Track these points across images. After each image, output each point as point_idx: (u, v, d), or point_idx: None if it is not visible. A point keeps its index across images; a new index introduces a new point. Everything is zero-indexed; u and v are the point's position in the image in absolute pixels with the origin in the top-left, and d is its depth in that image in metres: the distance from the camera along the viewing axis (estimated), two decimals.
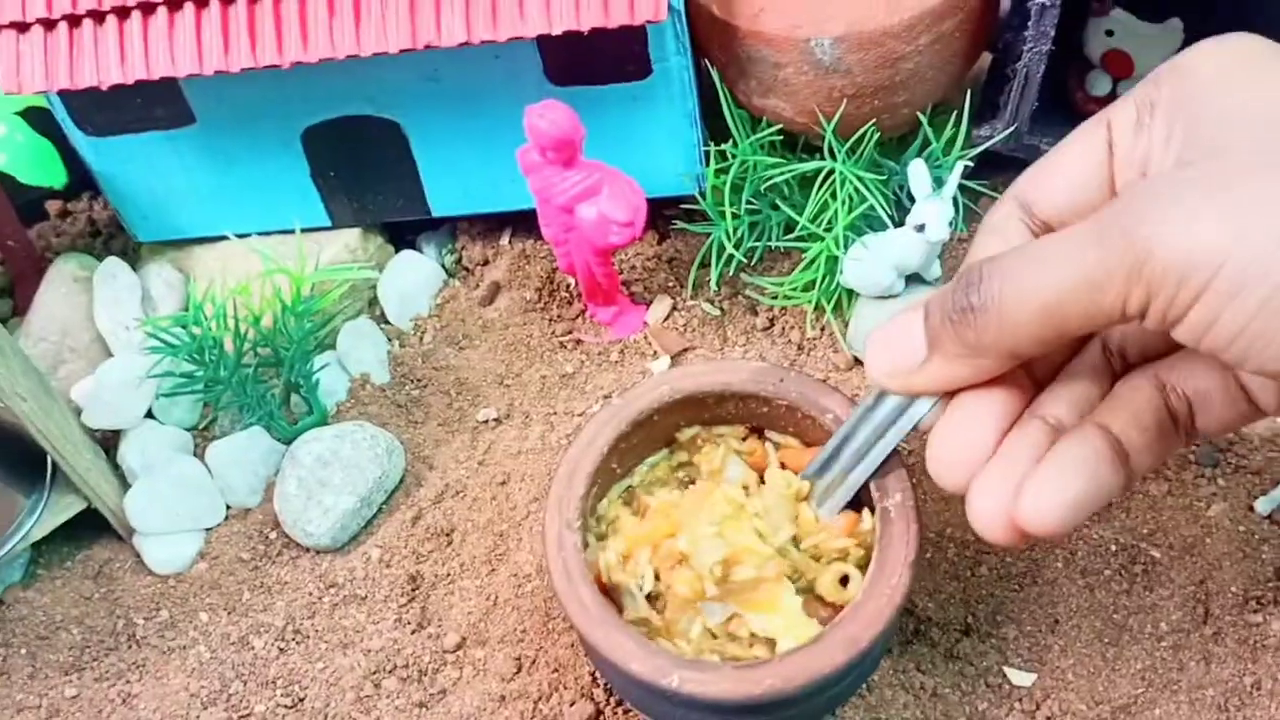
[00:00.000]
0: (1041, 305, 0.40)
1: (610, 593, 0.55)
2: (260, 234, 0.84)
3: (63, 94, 0.76)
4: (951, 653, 0.63)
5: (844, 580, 0.55)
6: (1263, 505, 0.66)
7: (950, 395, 0.47)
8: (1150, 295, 0.38)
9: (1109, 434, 0.44)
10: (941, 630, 0.64)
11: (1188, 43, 0.76)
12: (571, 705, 0.63)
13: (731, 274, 0.80)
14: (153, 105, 0.77)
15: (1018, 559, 0.66)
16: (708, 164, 0.78)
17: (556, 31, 0.67)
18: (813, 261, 0.75)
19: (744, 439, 0.62)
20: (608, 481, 0.60)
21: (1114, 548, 0.66)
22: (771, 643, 0.53)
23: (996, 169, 0.82)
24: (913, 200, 0.72)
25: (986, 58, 0.81)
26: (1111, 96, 0.79)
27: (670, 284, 0.82)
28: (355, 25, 0.68)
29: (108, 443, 0.78)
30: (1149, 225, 0.37)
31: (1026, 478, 0.43)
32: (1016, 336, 0.42)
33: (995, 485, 0.45)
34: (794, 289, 0.77)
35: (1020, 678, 0.62)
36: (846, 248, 0.73)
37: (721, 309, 0.81)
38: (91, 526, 0.75)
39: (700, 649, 0.54)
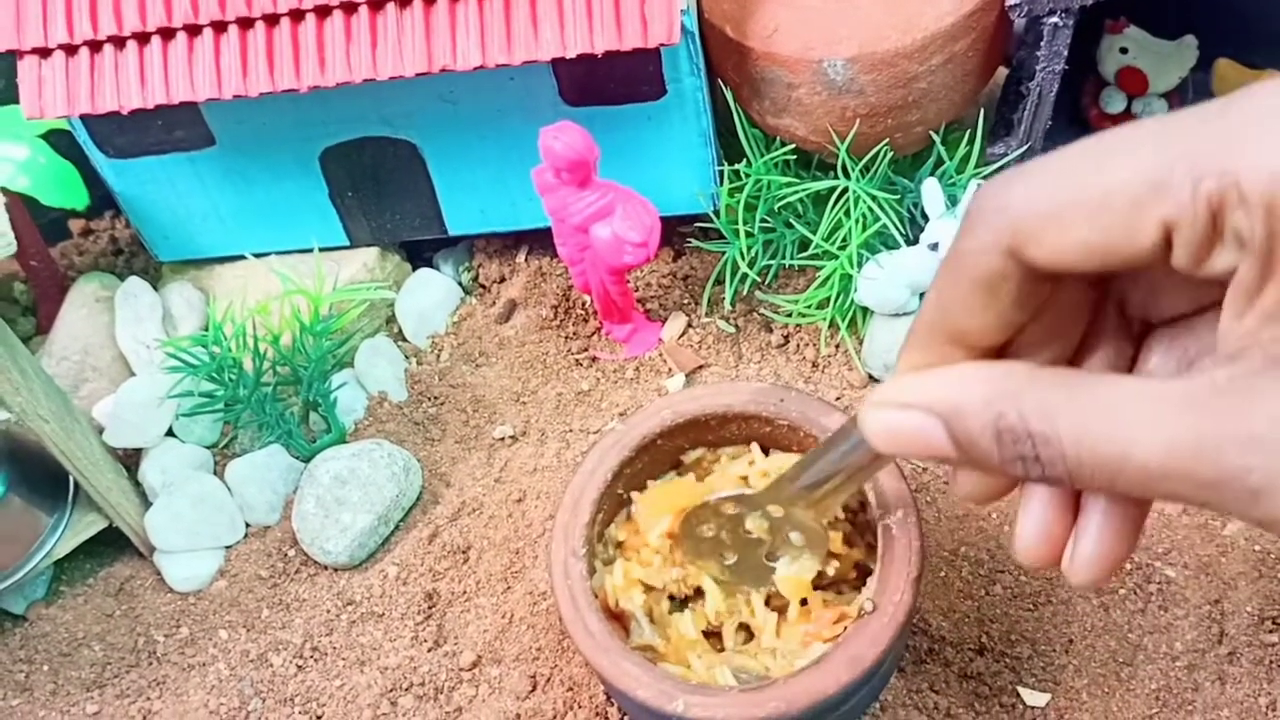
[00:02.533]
0: (1122, 453, 0.32)
1: (618, 618, 0.56)
2: (279, 253, 0.85)
3: (84, 117, 0.77)
4: (965, 672, 0.63)
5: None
6: None
7: None
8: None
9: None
10: (955, 650, 0.64)
11: (1203, 58, 0.77)
12: None
13: (746, 292, 0.81)
14: (173, 128, 0.78)
15: (1032, 578, 0.66)
16: (722, 183, 0.78)
17: (571, 55, 0.68)
18: (827, 279, 0.76)
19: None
20: (615, 507, 0.60)
21: (1129, 566, 0.66)
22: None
23: None
24: (926, 219, 0.72)
25: (1001, 74, 0.81)
26: (1126, 113, 0.79)
27: (685, 301, 0.83)
28: (372, 49, 0.69)
29: (129, 461, 0.79)
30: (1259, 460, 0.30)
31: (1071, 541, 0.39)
32: (1086, 486, 0.35)
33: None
34: (808, 307, 0.77)
35: (1034, 698, 0.62)
36: (860, 266, 0.73)
37: (736, 326, 0.81)
38: (113, 544, 0.76)
39: (710, 664, 0.55)
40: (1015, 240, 0.34)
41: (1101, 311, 0.40)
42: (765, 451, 0.62)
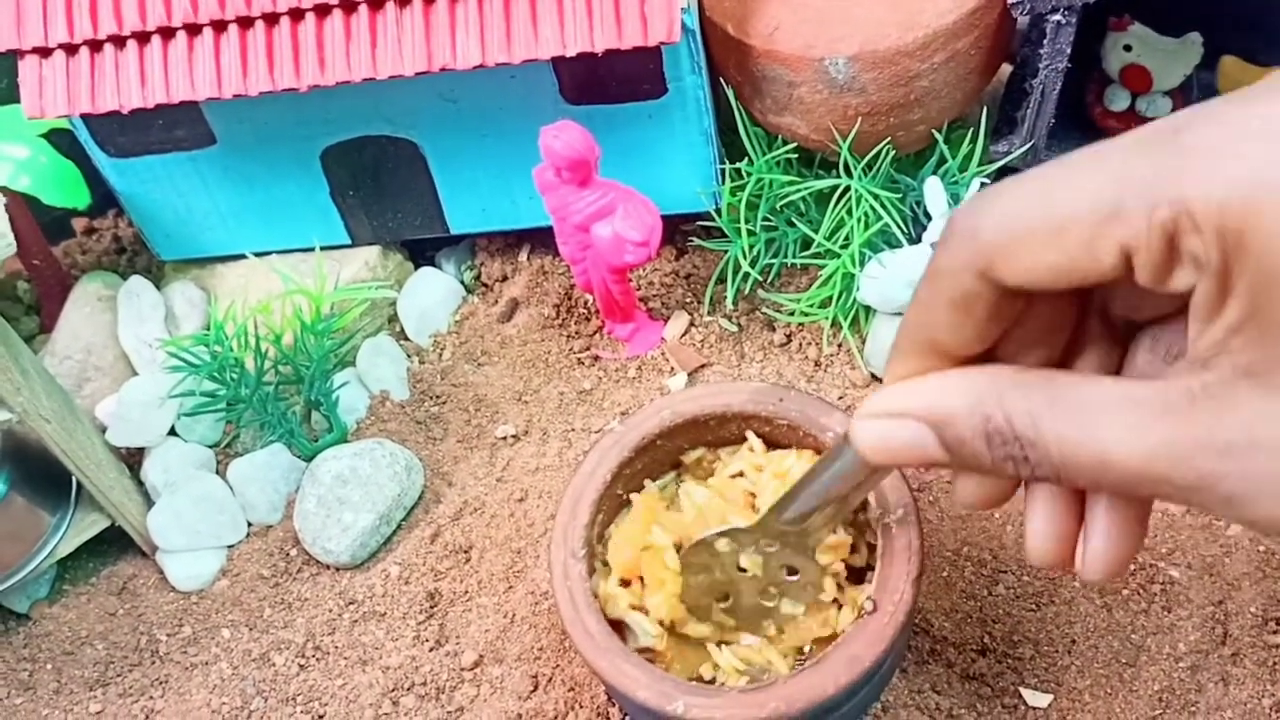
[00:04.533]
0: (1101, 457, 0.34)
1: (617, 623, 0.56)
2: (281, 252, 0.85)
3: (85, 117, 0.77)
4: (967, 673, 0.63)
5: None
6: None
7: None
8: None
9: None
10: (957, 650, 0.64)
11: (1208, 56, 0.77)
12: None
13: (748, 291, 0.80)
14: (174, 127, 0.78)
15: (1035, 578, 0.66)
16: (724, 181, 0.78)
17: (571, 53, 0.67)
18: (829, 278, 0.75)
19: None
20: (614, 508, 0.60)
21: (1132, 567, 0.65)
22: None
23: None
24: (929, 217, 0.72)
25: (1004, 72, 0.80)
26: (1130, 111, 0.79)
27: (688, 300, 0.82)
28: (371, 48, 0.69)
29: (131, 460, 0.79)
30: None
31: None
32: (1079, 485, 0.37)
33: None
34: (811, 306, 0.77)
35: (1037, 698, 0.62)
36: (863, 265, 0.73)
37: (739, 325, 0.81)
38: (115, 543, 0.77)
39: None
40: (985, 263, 0.35)
41: (1086, 315, 0.40)
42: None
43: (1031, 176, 0.34)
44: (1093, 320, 0.41)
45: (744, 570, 0.54)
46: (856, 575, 0.57)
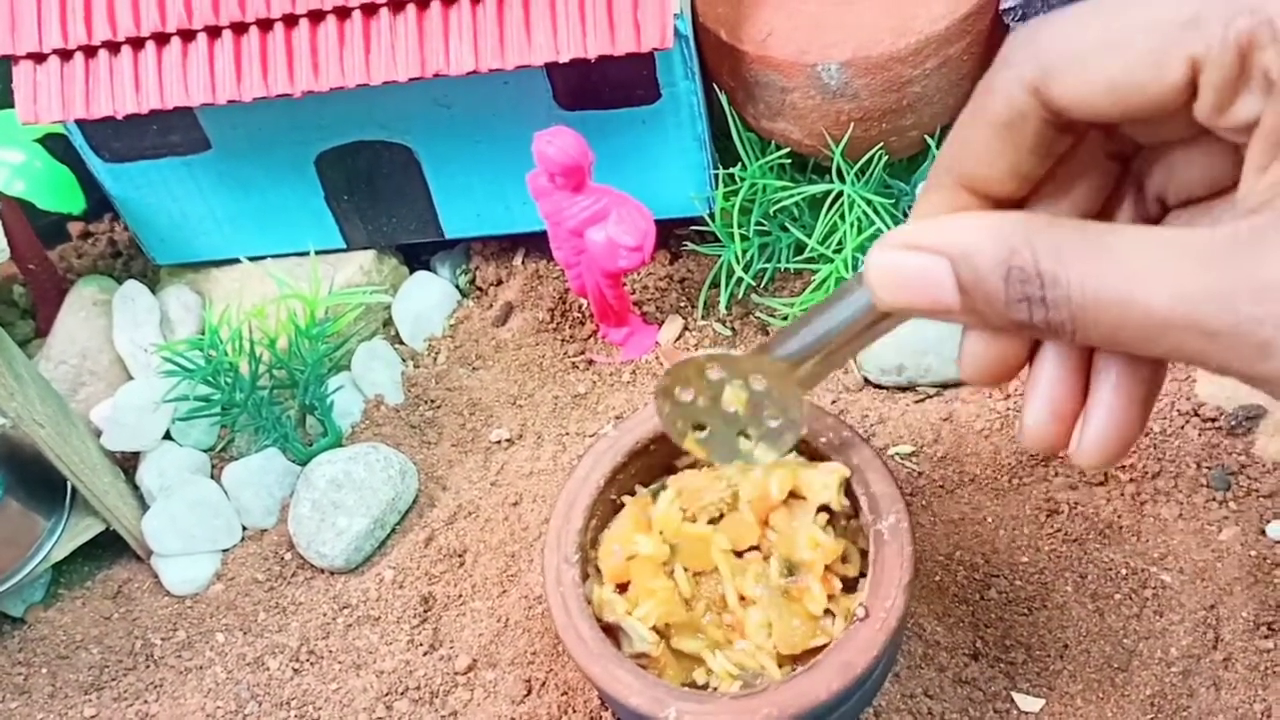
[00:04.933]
0: (1131, 300, 0.32)
1: (610, 628, 0.56)
2: (276, 257, 0.85)
3: (80, 122, 0.77)
4: (959, 677, 0.63)
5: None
6: (1274, 530, 0.65)
7: None
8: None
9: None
10: (949, 654, 0.64)
11: None
12: None
13: (742, 295, 0.81)
14: (169, 132, 0.78)
15: (1027, 582, 0.66)
16: (717, 186, 0.78)
17: (564, 59, 0.67)
18: (823, 283, 0.76)
19: None
20: (607, 513, 0.60)
21: (1124, 572, 0.66)
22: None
23: None
24: None
25: None
26: None
27: (682, 304, 0.83)
28: (365, 54, 0.69)
29: (127, 464, 0.79)
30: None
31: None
32: (1090, 338, 0.34)
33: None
34: (804, 310, 0.77)
35: (1029, 703, 0.62)
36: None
37: (733, 329, 0.81)
38: (110, 548, 0.77)
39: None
40: (1040, 77, 0.33)
41: (1121, 189, 0.39)
42: None
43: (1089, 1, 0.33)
44: (1127, 195, 0.39)
45: (726, 407, 0.51)
46: (849, 585, 0.57)
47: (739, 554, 0.56)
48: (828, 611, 0.55)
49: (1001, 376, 0.39)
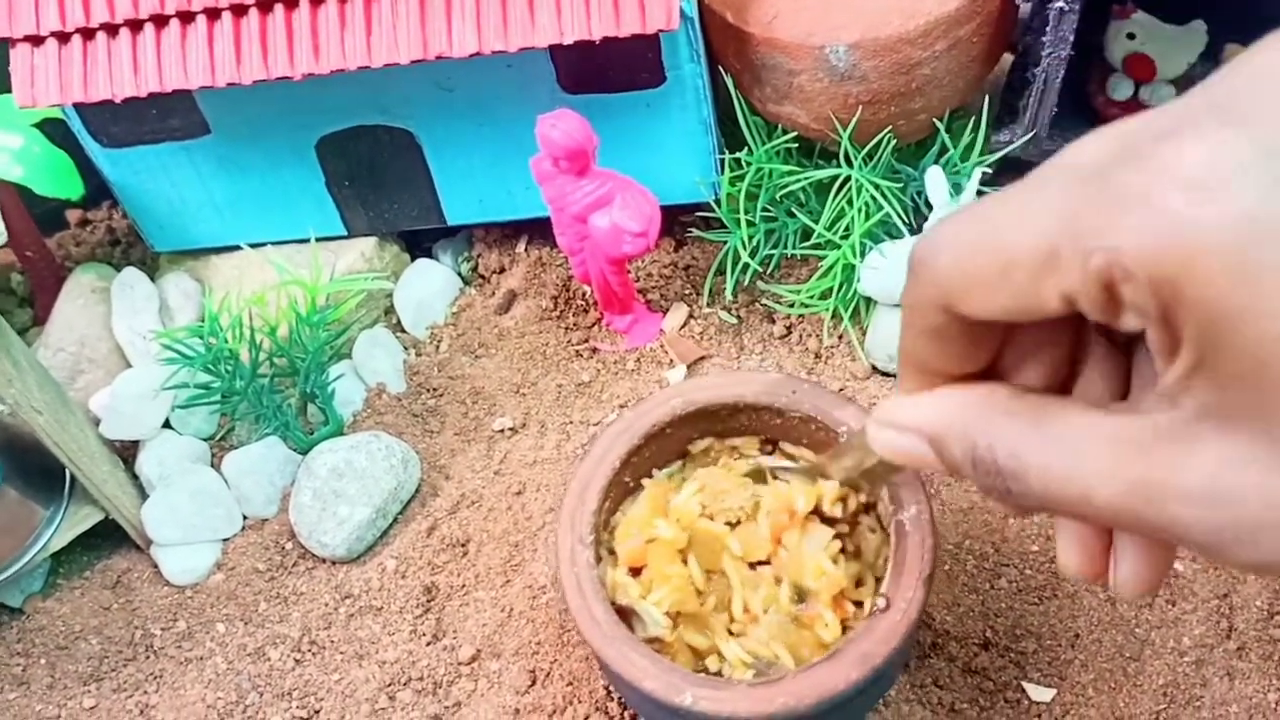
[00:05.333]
0: (1082, 494, 0.33)
1: (623, 611, 0.55)
2: (276, 244, 0.84)
3: (78, 106, 0.76)
4: (970, 667, 0.62)
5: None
6: None
7: None
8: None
9: None
10: (960, 644, 0.63)
11: (1212, 43, 0.76)
12: (586, 719, 0.62)
13: (748, 282, 0.80)
14: (168, 117, 0.77)
15: (1038, 572, 0.65)
16: (723, 171, 0.77)
17: (568, 41, 0.67)
18: (830, 269, 0.75)
19: (759, 451, 0.61)
20: (620, 495, 0.59)
21: None
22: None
23: (1016, 174, 0.81)
24: (930, 207, 0.71)
25: (1006, 61, 0.80)
26: (1134, 100, 0.78)
27: (687, 292, 0.82)
28: (366, 36, 0.68)
29: (126, 453, 0.78)
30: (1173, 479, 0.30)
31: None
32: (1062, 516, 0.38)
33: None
34: (811, 297, 0.76)
35: (1039, 693, 0.61)
36: (864, 256, 0.73)
37: (738, 317, 0.80)
38: (110, 537, 0.76)
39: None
40: (945, 300, 0.35)
41: (1085, 327, 0.39)
42: (773, 446, 0.61)
43: (983, 207, 0.33)
44: (1090, 332, 0.39)
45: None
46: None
47: (751, 566, 0.55)
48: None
49: (1095, 573, 0.40)
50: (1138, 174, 0.29)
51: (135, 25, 0.71)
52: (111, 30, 0.71)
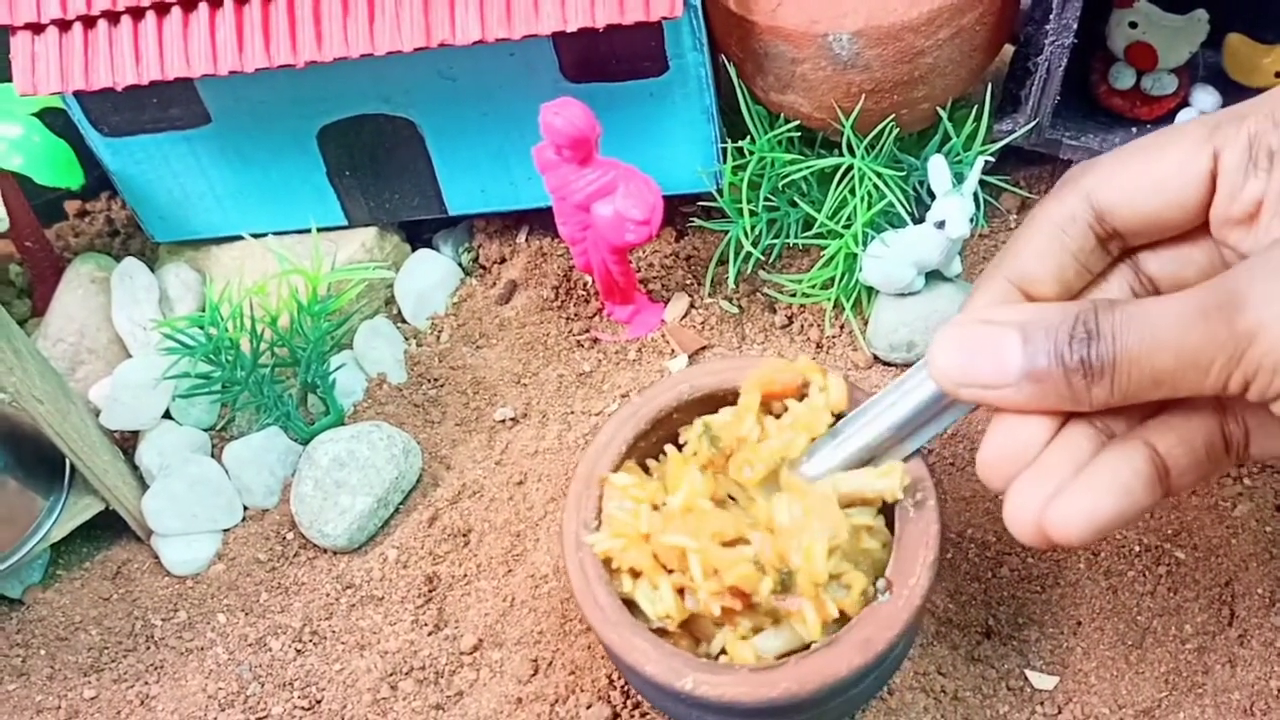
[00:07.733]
0: (1154, 376, 0.41)
1: (626, 600, 0.55)
2: (277, 234, 0.84)
3: (78, 95, 0.76)
4: (972, 655, 0.63)
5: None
6: None
7: None
8: (1248, 379, 0.39)
9: (1154, 452, 0.44)
10: (962, 632, 0.63)
11: (1213, 35, 0.76)
12: (589, 708, 0.62)
13: (750, 271, 0.80)
14: (168, 105, 0.77)
15: (1040, 560, 0.65)
16: (725, 160, 0.77)
17: (572, 28, 0.66)
18: (832, 259, 0.75)
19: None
20: None
21: (1138, 549, 0.65)
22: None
23: (1018, 164, 0.81)
24: (933, 196, 0.71)
25: (1008, 50, 0.80)
26: (1135, 89, 0.78)
27: (688, 282, 0.82)
28: (369, 24, 0.68)
29: (126, 443, 0.78)
30: (1252, 311, 0.38)
31: (1062, 488, 0.44)
32: (1125, 397, 0.42)
33: (1031, 490, 0.45)
34: (813, 286, 0.76)
35: (1042, 681, 0.61)
36: (866, 245, 0.72)
37: (740, 307, 0.80)
38: (110, 528, 0.76)
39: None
40: (1093, 184, 0.45)
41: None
42: None
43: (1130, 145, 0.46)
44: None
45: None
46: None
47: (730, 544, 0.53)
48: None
49: (1017, 469, 0.46)
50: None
51: (137, 13, 0.70)
52: (113, 18, 0.71)
